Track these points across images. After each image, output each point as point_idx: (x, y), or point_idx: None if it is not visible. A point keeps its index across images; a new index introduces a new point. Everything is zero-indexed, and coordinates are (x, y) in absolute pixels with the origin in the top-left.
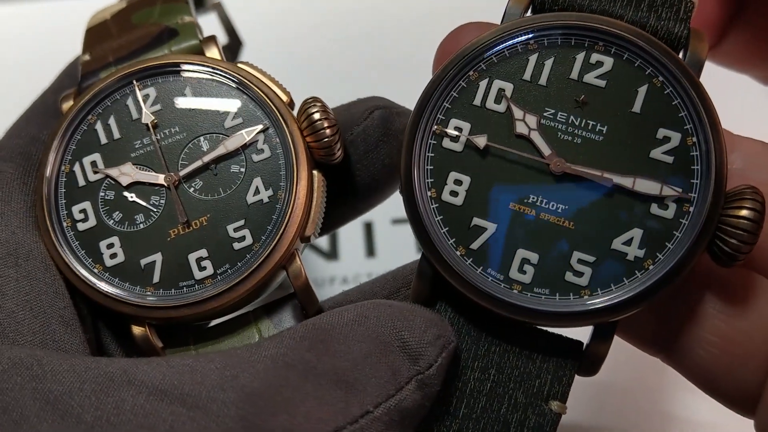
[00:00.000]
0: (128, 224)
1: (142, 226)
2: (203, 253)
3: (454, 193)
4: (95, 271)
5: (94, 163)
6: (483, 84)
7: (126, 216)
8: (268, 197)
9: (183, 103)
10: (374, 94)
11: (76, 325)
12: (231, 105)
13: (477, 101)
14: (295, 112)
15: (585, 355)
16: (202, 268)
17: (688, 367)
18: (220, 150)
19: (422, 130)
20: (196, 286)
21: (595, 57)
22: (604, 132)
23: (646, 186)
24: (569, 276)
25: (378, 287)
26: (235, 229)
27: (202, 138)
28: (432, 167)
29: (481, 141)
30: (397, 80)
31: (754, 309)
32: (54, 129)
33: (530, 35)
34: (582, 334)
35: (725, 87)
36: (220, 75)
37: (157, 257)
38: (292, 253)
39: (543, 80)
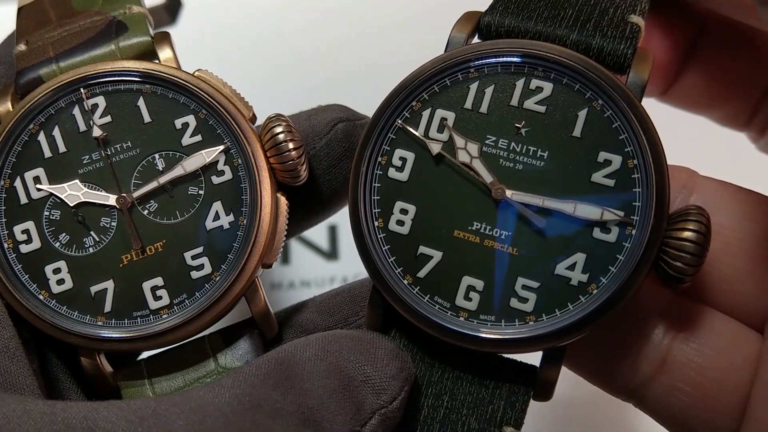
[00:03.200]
0: (76, 248)
1: (91, 250)
2: (159, 281)
3: (400, 222)
4: (41, 297)
5: (37, 179)
6: (426, 114)
7: (74, 239)
8: (229, 223)
9: (135, 115)
10: (335, 101)
11: (22, 356)
12: (189, 120)
13: (420, 131)
14: (256, 127)
15: (537, 380)
16: (157, 298)
17: (661, 414)
18: (178, 171)
19: (368, 161)
20: (151, 317)
21: (534, 83)
22: (545, 157)
23: (587, 211)
24: (514, 302)
25: (336, 307)
26: (193, 257)
27: (157, 155)
28: (378, 197)
29: (435, 147)
30: (359, 85)
31: (720, 352)
32: None
33: (470, 64)
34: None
35: (689, 125)
36: (177, 86)
37: (109, 284)
38: (253, 282)
39: (484, 108)
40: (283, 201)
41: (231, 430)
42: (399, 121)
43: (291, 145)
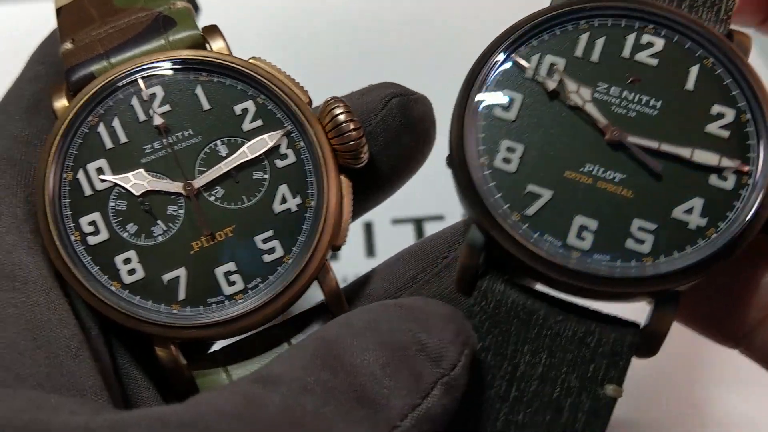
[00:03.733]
0: (145, 237)
1: (160, 238)
2: (231, 266)
3: (507, 160)
4: (112, 288)
5: (100, 170)
6: (534, 58)
7: (142, 228)
8: (297, 205)
9: (194, 103)
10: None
11: (85, 355)
12: (248, 106)
13: (528, 75)
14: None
15: (645, 332)
16: (231, 283)
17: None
18: (242, 156)
19: (473, 100)
20: (226, 303)
21: (646, 38)
22: (658, 107)
23: (705, 157)
24: (630, 243)
25: (401, 269)
26: (264, 240)
27: (219, 142)
28: (483, 135)
29: (551, 84)
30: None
31: None
32: (52, 131)
33: (581, 14)
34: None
35: None
36: (234, 72)
37: (181, 272)
38: (324, 264)
39: (595, 57)
40: (346, 182)
41: (282, 417)
42: (514, 56)
43: (352, 126)
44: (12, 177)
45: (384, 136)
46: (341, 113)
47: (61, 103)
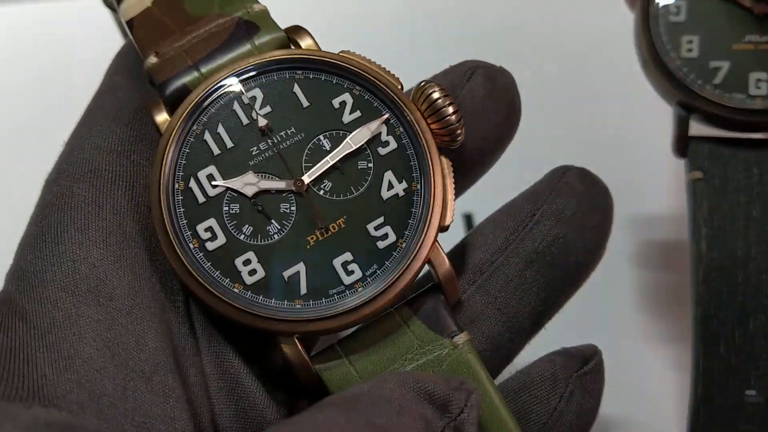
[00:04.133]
0: (261, 237)
1: (276, 237)
2: (348, 256)
3: (689, 50)
4: (235, 291)
5: (210, 176)
6: None
7: (257, 228)
8: (404, 190)
9: (293, 102)
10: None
11: (158, 380)
12: (345, 98)
13: None
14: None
15: None
16: (349, 273)
17: None
18: (346, 147)
19: (654, 6)
20: (347, 292)
21: None
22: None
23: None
24: None
25: (492, 231)
26: (376, 228)
27: (321, 137)
28: (666, 36)
29: None
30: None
31: None
32: (159, 145)
33: None
34: None
35: None
36: (328, 66)
37: (300, 267)
38: (435, 245)
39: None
40: (447, 162)
41: None
42: None
43: (450, 108)
44: (98, 189)
45: (471, 105)
46: (438, 95)
47: (162, 117)
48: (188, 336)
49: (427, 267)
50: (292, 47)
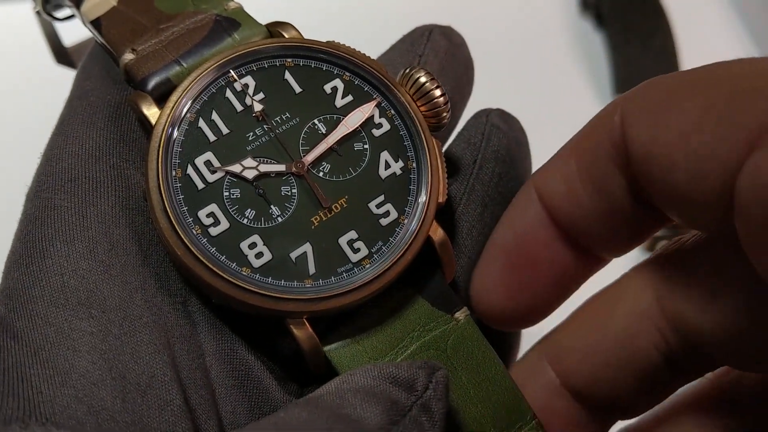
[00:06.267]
0: (265, 220)
1: (280, 219)
2: (353, 234)
3: None
4: (243, 273)
5: (208, 162)
6: None
7: (260, 212)
8: (400, 168)
9: (286, 88)
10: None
11: (154, 393)
12: (336, 84)
13: None
14: None
15: None
16: (355, 250)
17: None
18: (342, 129)
19: None
20: (355, 270)
21: None
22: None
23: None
24: None
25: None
26: (378, 205)
27: (316, 121)
28: None
29: None
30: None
31: None
32: (153, 134)
33: None
34: None
35: None
36: (317, 53)
37: (307, 247)
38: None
39: None
40: (436, 142)
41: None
42: None
43: (438, 92)
44: (79, 198)
45: (437, 61)
46: (424, 78)
47: (151, 110)
48: (189, 338)
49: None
50: None
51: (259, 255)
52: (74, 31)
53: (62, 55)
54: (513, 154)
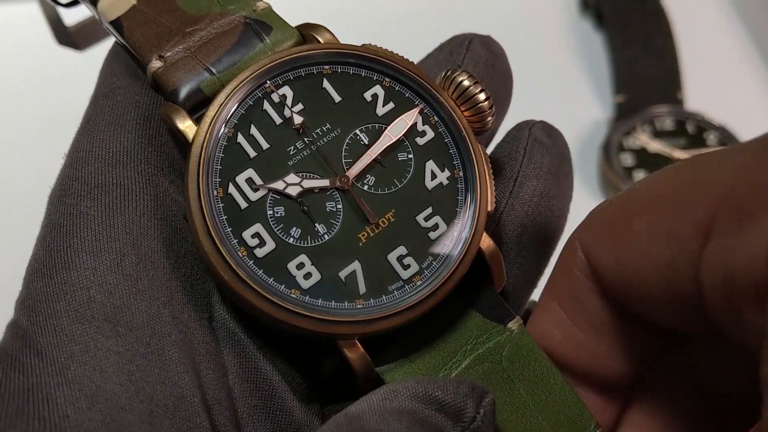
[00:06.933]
0: (311, 238)
1: (327, 237)
2: (402, 250)
3: None
4: (293, 297)
5: (250, 180)
6: None
7: (306, 230)
8: (447, 178)
9: (325, 97)
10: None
11: (182, 415)
12: (376, 90)
13: None
14: None
15: None
16: (406, 267)
17: None
18: (386, 140)
19: None
20: (407, 287)
21: None
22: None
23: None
24: None
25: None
26: (426, 218)
27: (358, 131)
28: None
29: None
30: None
31: None
32: (191, 153)
33: None
34: None
35: None
36: (356, 59)
37: (356, 266)
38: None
39: None
40: (481, 147)
41: None
42: None
43: (482, 96)
44: (106, 206)
45: (477, 72)
46: (468, 82)
47: (185, 123)
48: (214, 356)
49: None
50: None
51: (307, 275)
52: (76, 11)
53: (64, 36)
54: (555, 172)
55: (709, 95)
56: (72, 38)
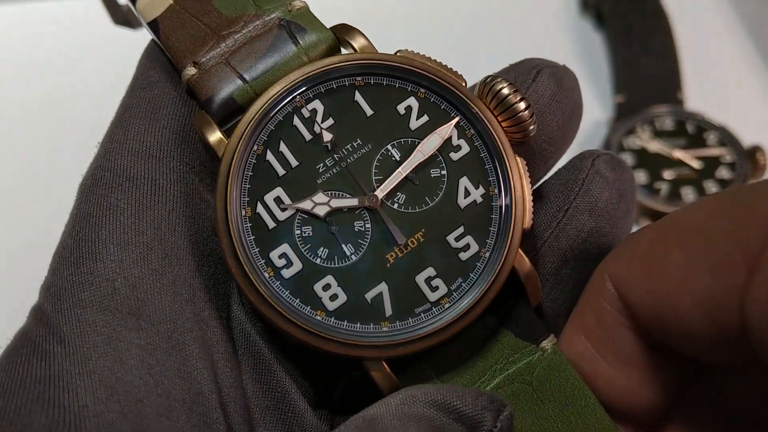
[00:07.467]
0: (338, 259)
1: (354, 257)
2: (431, 272)
3: None
4: (318, 319)
5: (278, 200)
6: None
7: (333, 251)
8: (481, 196)
9: (356, 111)
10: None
11: (198, 410)
12: (410, 102)
13: None
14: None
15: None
16: (434, 289)
17: None
18: (418, 157)
19: None
20: (434, 310)
21: None
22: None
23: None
24: None
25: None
26: (456, 239)
27: (390, 146)
28: None
29: None
30: None
31: None
32: (220, 170)
33: None
34: None
35: None
36: (389, 69)
37: (382, 287)
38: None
39: None
40: (521, 161)
41: None
42: None
43: (522, 105)
44: (136, 199)
45: (537, 108)
46: (507, 90)
47: (215, 136)
48: (231, 355)
49: None
50: (343, 49)
51: (333, 297)
52: None
53: (119, 16)
54: (612, 209)
55: (709, 95)
56: (127, 18)
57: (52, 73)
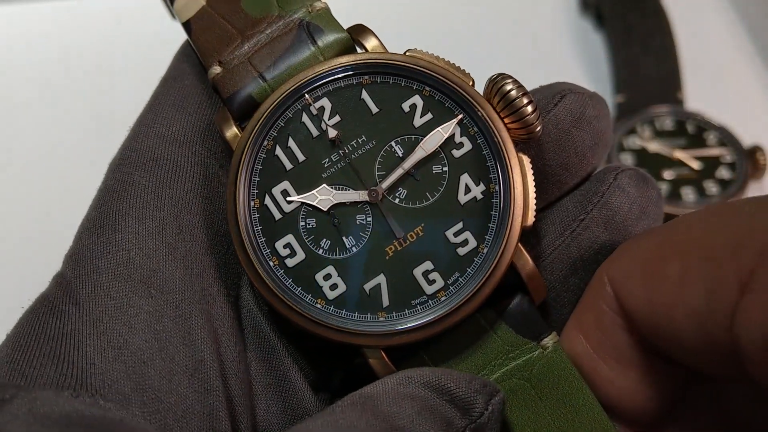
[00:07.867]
0: (339, 250)
1: (355, 249)
2: (428, 265)
3: None
4: (318, 306)
5: (285, 192)
6: None
7: (335, 242)
8: (482, 192)
9: (362, 108)
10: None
11: (200, 377)
12: (415, 101)
13: None
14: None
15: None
16: (431, 282)
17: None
18: (419, 153)
19: None
20: (430, 302)
21: None
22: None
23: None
24: None
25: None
26: (455, 234)
27: (393, 143)
28: None
29: None
30: None
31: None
32: (232, 162)
33: None
34: None
35: None
36: (395, 69)
37: (381, 279)
38: (518, 247)
39: None
40: (526, 159)
41: None
42: None
43: (525, 101)
44: (158, 178)
45: (556, 131)
46: (512, 88)
47: (231, 132)
48: (235, 331)
49: None
50: (357, 49)
51: (333, 287)
52: None
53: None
54: (629, 225)
55: (709, 95)
56: None
57: (52, 73)
